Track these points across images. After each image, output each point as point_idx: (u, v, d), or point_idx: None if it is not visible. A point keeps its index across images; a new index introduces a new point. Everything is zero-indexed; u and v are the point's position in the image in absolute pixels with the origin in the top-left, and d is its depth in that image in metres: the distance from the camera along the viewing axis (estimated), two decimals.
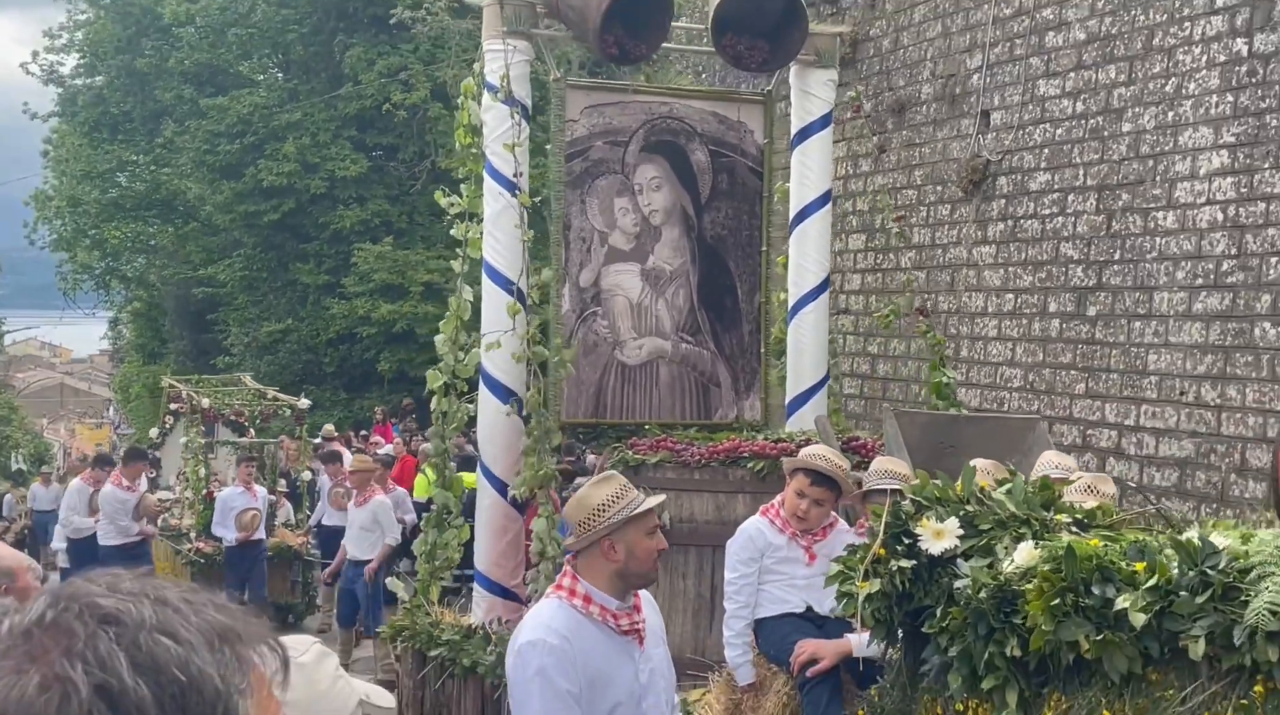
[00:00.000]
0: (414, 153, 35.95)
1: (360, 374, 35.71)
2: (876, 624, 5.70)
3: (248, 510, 18.41)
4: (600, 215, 10.47)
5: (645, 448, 9.28)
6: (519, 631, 5.42)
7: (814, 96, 10.73)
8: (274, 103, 36.17)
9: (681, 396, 10.52)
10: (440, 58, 33.85)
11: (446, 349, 10.08)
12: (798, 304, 10.74)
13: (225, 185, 35.95)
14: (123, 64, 39.65)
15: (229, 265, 37.65)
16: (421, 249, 34.79)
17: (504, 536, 9.90)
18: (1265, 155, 10.76)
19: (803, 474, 7.31)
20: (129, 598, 1.57)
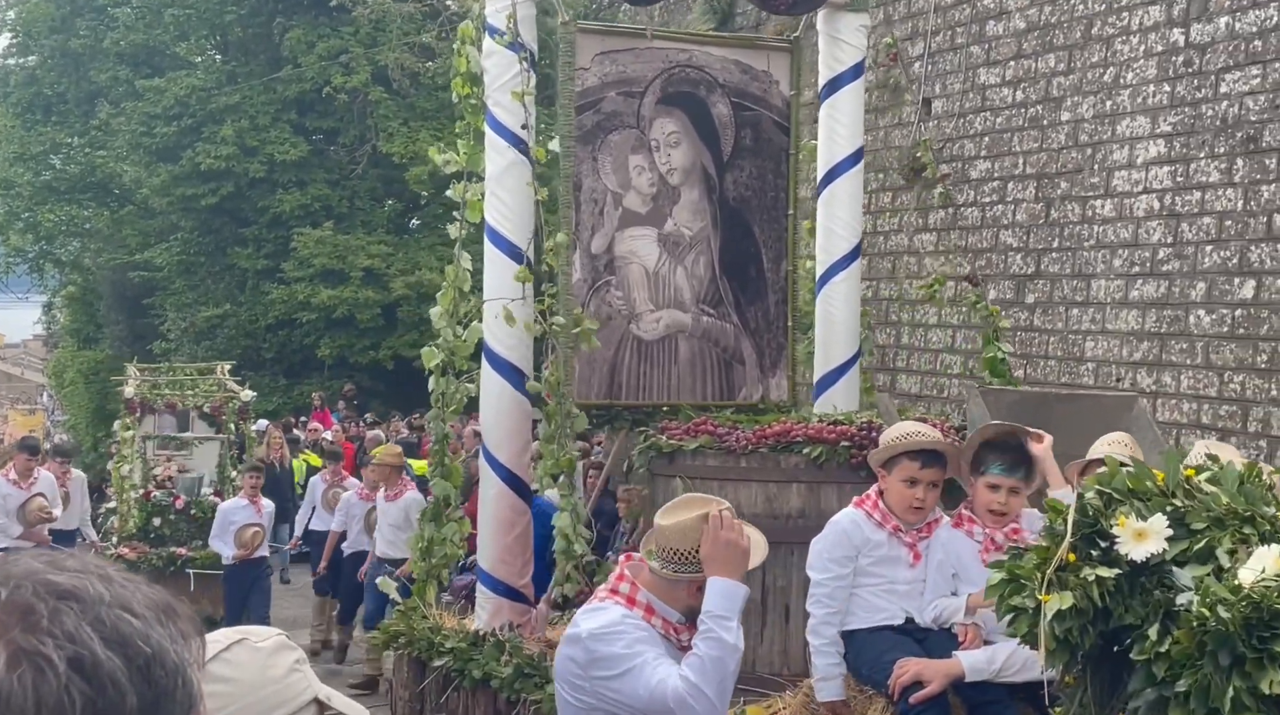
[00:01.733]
0: (355, 137, 35.08)
1: (300, 360, 34.65)
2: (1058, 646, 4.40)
3: (249, 526, 16.25)
4: (613, 174, 9.16)
5: (681, 432, 7.96)
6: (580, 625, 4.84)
7: (845, 43, 9.45)
8: (212, 85, 34.96)
9: (702, 375, 9.24)
10: (381, 41, 33.11)
11: (444, 323, 8.76)
12: (827, 273, 9.47)
13: (162, 168, 34.62)
14: (56, 44, 38.25)
15: (166, 249, 36.32)
16: (362, 234, 33.87)
17: (510, 531, 8.61)
18: (1200, 145, 10.64)
19: (907, 459, 6.08)
20: (79, 574, 1.55)
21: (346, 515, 16.54)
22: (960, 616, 6.05)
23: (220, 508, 16.99)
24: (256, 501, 16.61)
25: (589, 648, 4.71)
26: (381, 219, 34.98)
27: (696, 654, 4.60)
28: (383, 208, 35.69)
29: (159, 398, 20.76)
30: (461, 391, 8.80)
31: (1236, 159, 10.52)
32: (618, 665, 4.64)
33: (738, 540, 4.72)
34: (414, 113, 33.81)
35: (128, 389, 20.10)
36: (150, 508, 18.55)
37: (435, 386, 8.80)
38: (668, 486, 7.87)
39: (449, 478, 8.83)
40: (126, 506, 18.80)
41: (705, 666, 4.55)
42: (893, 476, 6.22)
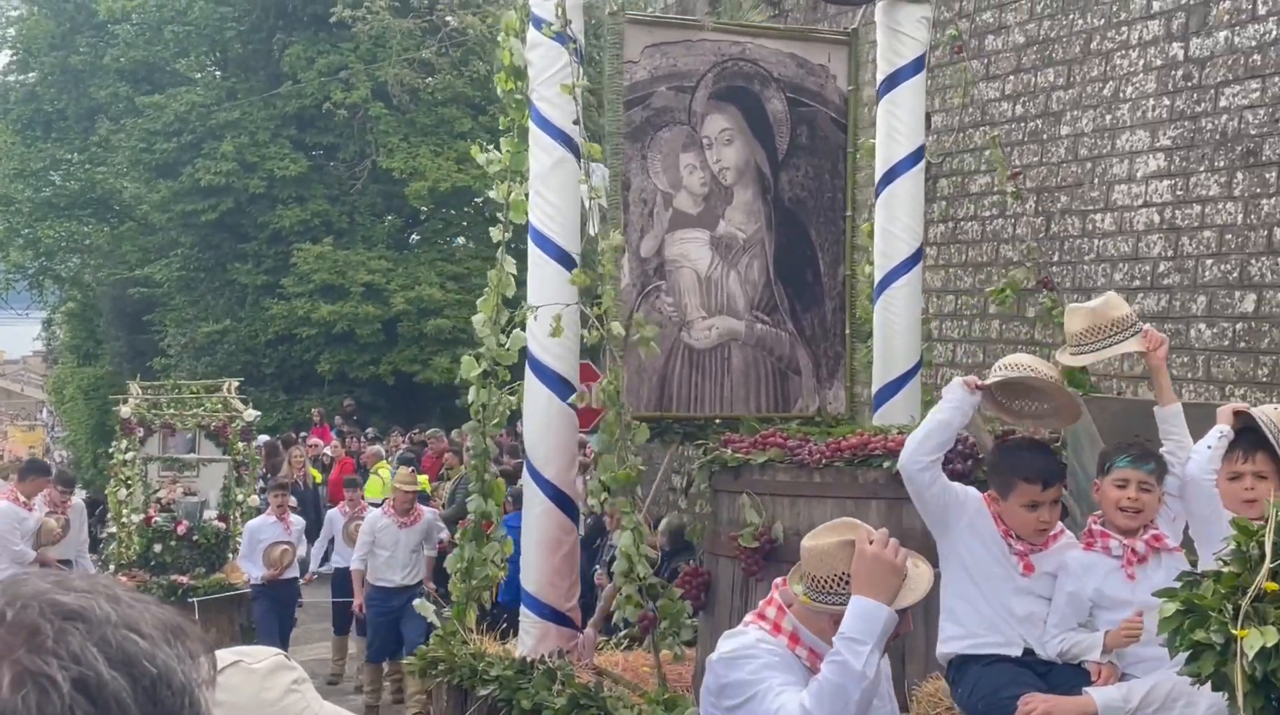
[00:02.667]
0: (354, 152, 34.48)
1: (300, 375, 34.02)
2: (1255, 688, 3.70)
3: (278, 544, 15.33)
4: (664, 173, 8.45)
5: (748, 445, 7.24)
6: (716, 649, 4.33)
7: (905, 35, 8.76)
8: (212, 101, 34.34)
9: (756, 385, 8.52)
10: (381, 56, 32.64)
11: (487, 331, 8.02)
12: (886, 278, 8.76)
13: (162, 184, 34.05)
14: (56, 61, 37.61)
15: (166, 265, 35.60)
16: (362, 249, 33.31)
17: (557, 551, 7.89)
18: (1200, 159, 10.48)
19: (1025, 482, 5.41)
20: (86, 594, 1.53)
21: None
22: (1095, 655, 5.33)
23: (248, 526, 16.06)
24: (285, 519, 15.71)
25: (717, 673, 4.22)
26: (381, 234, 34.45)
27: (818, 679, 4.02)
28: (382, 223, 35.14)
29: (157, 418, 19.48)
30: (504, 403, 8.07)
31: (1236, 172, 10.28)
32: (741, 692, 4.11)
33: (888, 558, 4.06)
34: (414, 128, 33.29)
35: (124, 409, 18.90)
36: (151, 534, 17.38)
37: (475, 398, 8.08)
38: (733, 503, 7.17)
39: (491, 495, 8.11)
40: (126, 532, 17.69)
41: (823, 693, 3.95)
42: (1011, 501, 5.54)
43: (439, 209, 34.41)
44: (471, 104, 33.85)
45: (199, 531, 17.41)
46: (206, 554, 17.21)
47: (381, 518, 14.38)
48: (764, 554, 6.95)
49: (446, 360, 31.69)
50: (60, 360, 50.45)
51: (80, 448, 41.25)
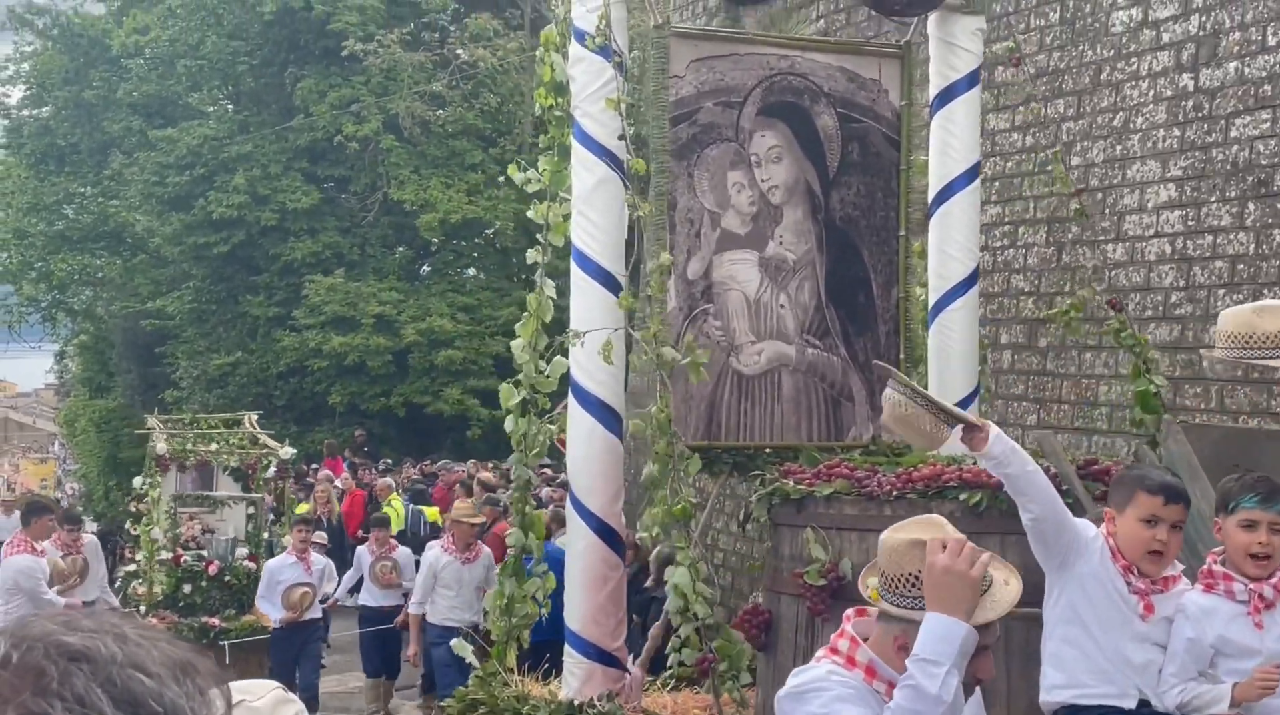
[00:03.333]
0: (366, 184, 34.16)
1: (311, 407, 33.57)
2: None
3: (298, 586, 14.32)
4: (711, 192, 7.93)
5: (811, 476, 6.70)
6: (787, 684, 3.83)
7: (959, 49, 8.25)
8: (224, 134, 33.99)
9: (807, 413, 7.99)
10: (392, 90, 32.48)
11: (526, 357, 7.50)
12: (942, 301, 8.23)
13: (174, 217, 33.73)
14: (70, 95, 37.37)
15: (178, 298, 35.22)
16: (373, 281, 32.99)
17: (603, 587, 7.35)
18: (1212, 189, 10.28)
19: (1144, 494, 4.82)
20: (92, 634, 1.51)
21: None
22: (1222, 707, 4.77)
23: (267, 566, 15.04)
24: (306, 558, 14.66)
25: (785, 710, 3.78)
26: (393, 266, 34.11)
27: (890, 706, 3.58)
28: (394, 255, 34.80)
29: (191, 455, 18.29)
30: (544, 432, 7.54)
31: (1248, 203, 10.07)
32: None
33: (960, 570, 3.56)
34: (425, 160, 33.00)
35: (159, 445, 17.49)
36: (180, 574, 16.33)
37: (515, 427, 7.54)
38: (795, 538, 6.65)
39: (531, 528, 7.56)
40: (152, 571, 16.42)
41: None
42: (1127, 514, 4.99)
43: (450, 241, 34.05)
44: (482, 136, 33.61)
45: (230, 572, 16.47)
46: (237, 595, 16.27)
47: (442, 555, 13.40)
48: (831, 592, 6.42)
49: (457, 391, 31.64)
50: (72, 393, 50.11)
51: (92, 481, 40.75)
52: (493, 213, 32.36)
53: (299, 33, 33.83)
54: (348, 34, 31.86)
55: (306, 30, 33.58)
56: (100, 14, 38.57)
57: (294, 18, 33.20)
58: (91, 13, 38.55)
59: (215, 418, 20.68)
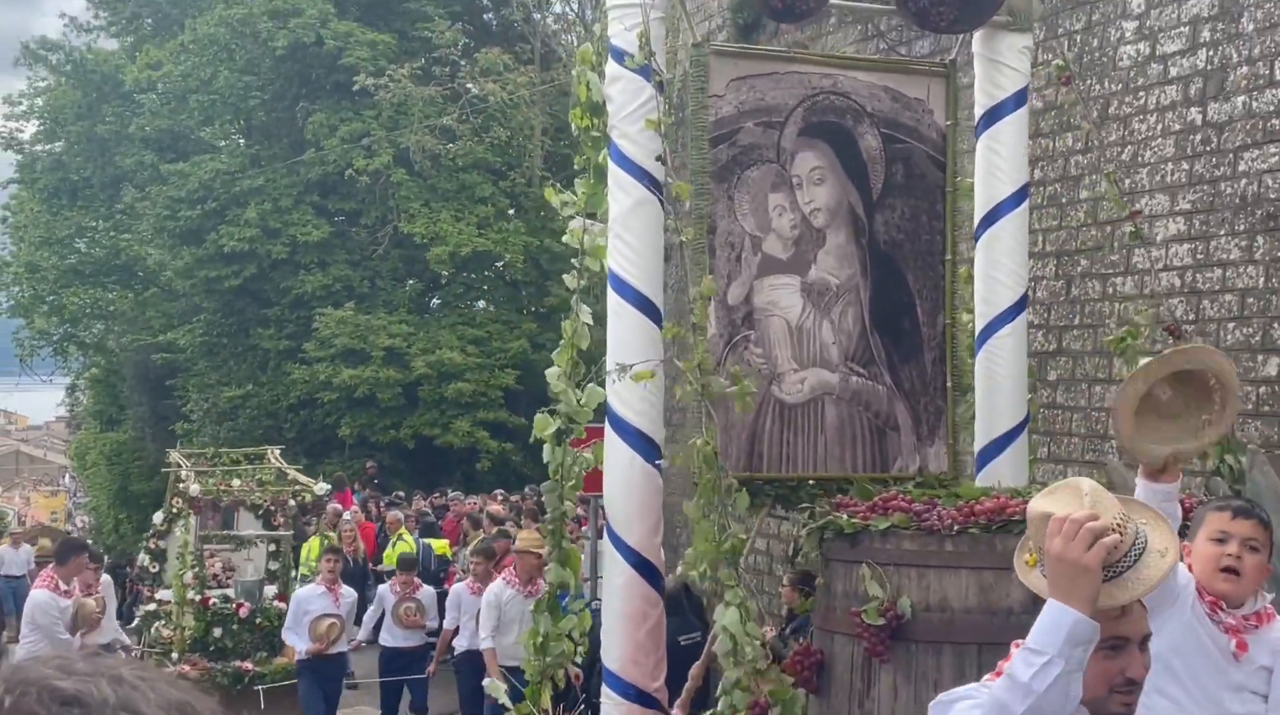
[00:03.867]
0: (376, 218, 33.78)
1: (321, 440, 33.18)
2: None
3: (325, 617, 13.76)
4: (751, 215, 7.52)
5: (865, 509, 6.26)
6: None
7: (1005, 67, 7.84)
8: (235, 168, 33.58)
9: (852, 443, 7.56)
10: (403, 123, 32.19)
11: (563, 386, 7.06)
12: (989, 327, 7.80)
13: (186, 251, 33.40)
14: (83, 130, 37.20)
15: (189, 331, 34.81)
16: (383, 314, 32.60)
17: (641, 625, 6.92)
18: (1221, 222, 10.20)
19: (1212, 512, 4.50)
20: (86, 678, 1.48)
21: (458, 610, 14.02)
22: None
23: (296, 596, 14.47)
24: (335, 589, 14.09)
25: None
26: (403, 299, 33.76)
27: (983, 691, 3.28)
28: (404, 288, 34.44)
29: (224, 495, 17.31)
30: (580, 463, 7.11)
31: (1257, 236, 9.98)
32: None
33: (1071, 557, 3.18)
34: (435, 194, 32.68)
35: (192, 486, 16.61)
36: (210, 616, 15.55)
37: (552, 458, 7.09)
38: (850, 574, 6.22)
39: (567, 563, 7.13)
40: (181, 616, 15.55)
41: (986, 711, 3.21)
42: (1198, 538, 4.61)
43: (460, 273, 33.73)
44: (492, 169, 33.33)
45: (260, 613, 15.74)
46: (269, 637, 15.58)
47: (505, 589, 12.69)
48: (890, 631, 5.97)
49: (467, 424, 31.33)
50: (83, 426, 49.81)
51: (102, 514, 40.35)
52: (503, 245, 32.06)
53: (310, 68, 33.61)
54: (359, 69, 31.62)
55: (318, 65, 33.36)
56: (113, 50, 38.56)
57: (305, 53, 32.96)
58: (104, 48, 38.47)
59: (237, 452, 19.96)
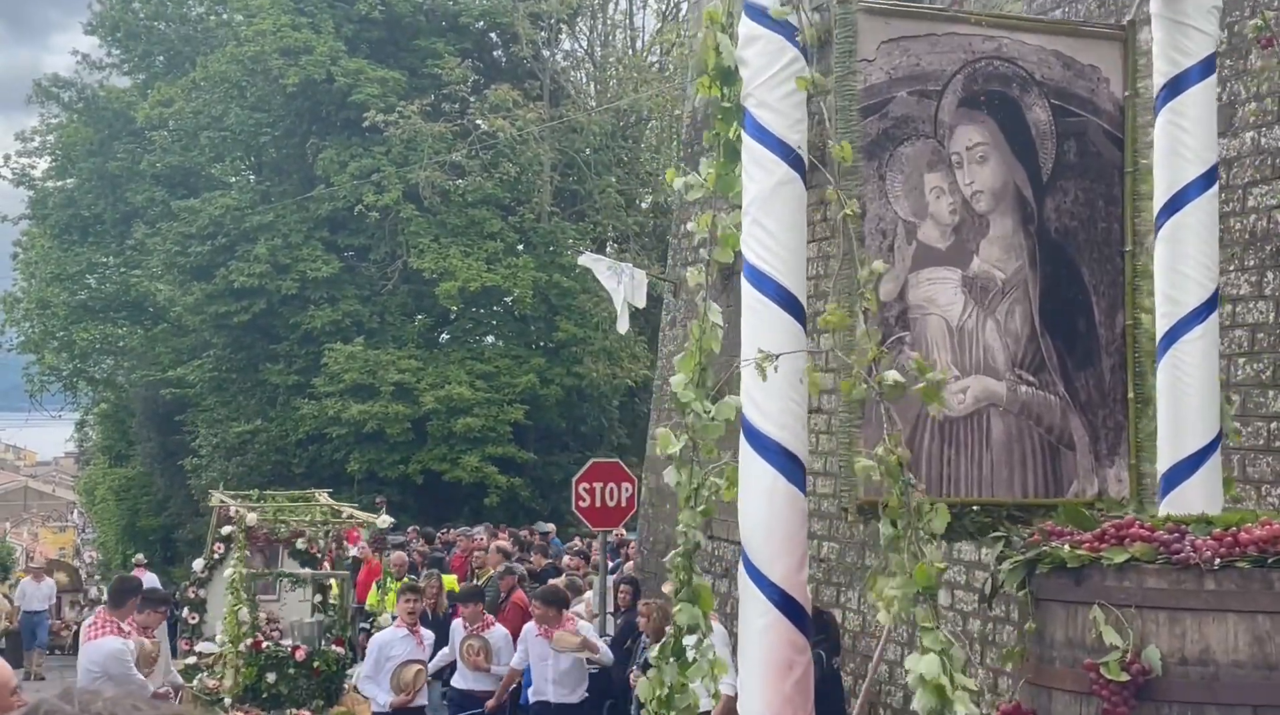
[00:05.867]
0: (386, 253, 32.82)
1: (330, 475, 31.96)
2: None
3: (410, 663, 12.04)
4: (905, 198, 6.03)
5: (1091, 540, 4.66)
6: None
7: (1191, 29, 6.28)
8: (246, 204, 32.69)
9: (1021, 463, 6.03)
10: (413, 159, 31.28)
11: (690, 395, 5.48)
12: (1174, 330, 6.21)
13: (196, 286, 32.37)
14: (94, 166, 36.19)
15: (199, 366, 33.69)
16: (393, 349, 31.55)
17: (787, 675, 5.41)
18: (1230, 258, 9.45)
19: None
20: None
21: (526, 651, 12.56)
22: None
23: (375, 640, 12.62)
24: (417, 631, 12.32)
25: None
26: (412, 334, 32.79)
27: None
28: (413, 323, 33.48)
29: (283, 527, 14.96)
30: (709, 486, 5.51)
31: (1267, 272, 9.40)
32: None
33: None
34: (444, 229, 31.76)
35: (250, 516, 14.35)
36: (263, 661, 13.34)
37: (679, 480, 5.49)
38: (1073, 617, 4.66)
39: (698, 601, 5.53)
40: (235, 658, 13.42)
41: None
42: None
43: (469, 308, 32.54)
44: (501, 205, 32.38)
45: (320, 658, 13.50)
46: (325, 684, 13.48)
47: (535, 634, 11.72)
48: (1135, 690, 4.39)
49: (475, 459, 30.52)
50: (92, 461, 48.64)
51: (110, 549, 38.79)
52: (511, 281, 30.94)
53: (320, 104, 32.69)
54: (369, 105, 30.92)
55: (328, 102, 32.49)
56: (125, 87, 37.69)
57: (316, 89, 32.08)
58: (116, 86, 37.46)
59: (282, 494, 17.74)
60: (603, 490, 16.27)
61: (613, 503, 16.34)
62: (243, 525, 13.72)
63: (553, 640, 12.00)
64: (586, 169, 32.92)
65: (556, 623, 12.53)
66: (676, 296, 18.05)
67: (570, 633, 12.06)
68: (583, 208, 33.19)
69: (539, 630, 12.27)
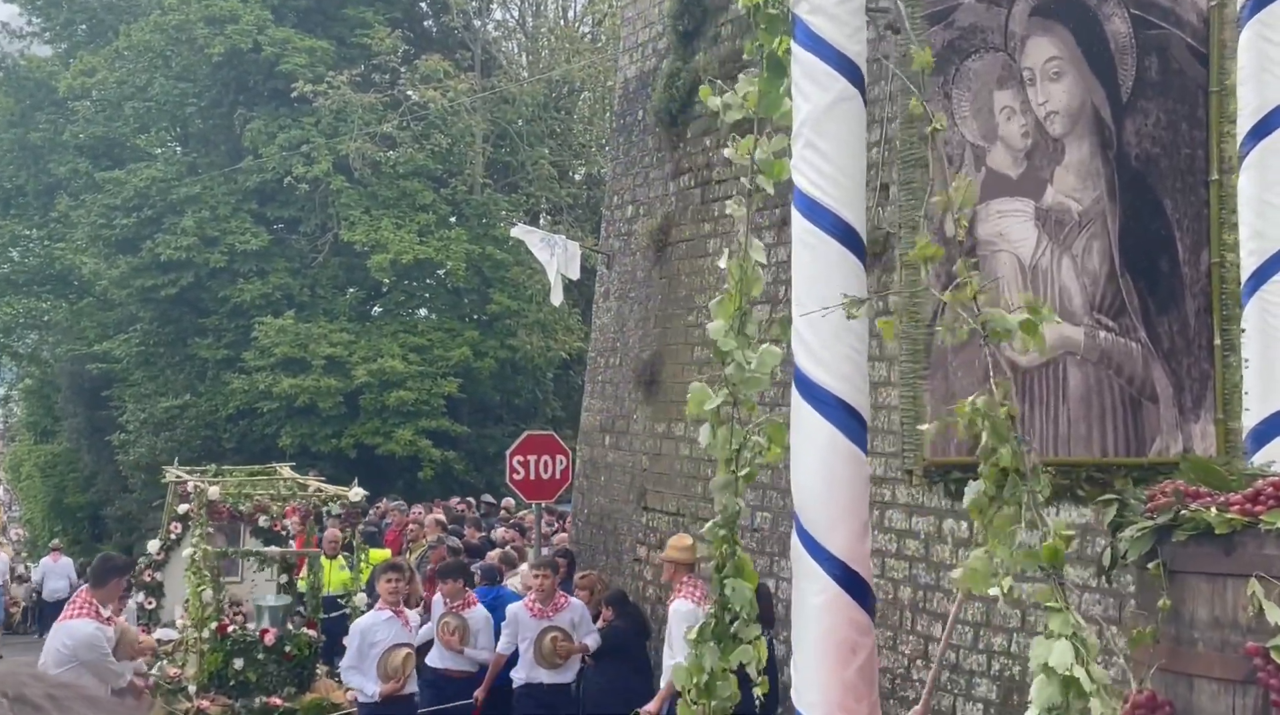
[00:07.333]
0: (316, 225, 31.63)
1: (261, 450, 30.74)
2: None
3: (398, 648, 11.09)
4: (973, 119, 5.21)
5: (1242, 501, 3.82)
6: None
7: None
8: (172, 176, 31.30)
9: (1100, 418, 5.23)
10: (342, 131, 30.08)
11: (732, 343, 4.59)
12: (1264, 269, 5.39)
13: (122, 259, 31.03)
14: (15, 138, 34.76)
15: (125, 341, 32.47)
16: (324, 322, 30.49)
17: (851, 660, 4.60)
18: None
19: None
20: None
21: (515, 633, 11.77)
22: None
23: (356, 626, 11.57)
24: (401, 613, 11.38)
25: None
26: (343, 307, 31.81)
27: None
28: (344, 296, 32.46)
29: (245, 502, 13.26)
30: (752, 447, 4.61)
31: None
32: None
33: None
34: (375, 201, 30.63)
35: (211, 491, 12.88)
36: (229, 646, 12.08)
37: (715, 441, 4.60)
38: (1222, 594, 3.76)
39: (743, 575, 4.65)
40: (199, 644, 12.18)
41: None
42: None
43: (401, 281, 31.56)
44: (433, 177, 31.44)
45: (290, 642, 12.20)
46: (296, 669, 12.21)
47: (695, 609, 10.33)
48: None
49: (409, 432, 29.62)
50: (17, 438, 47.21)
51: (37, 526, 37.36)
52: (444, 253, 30.01)
53: (248, 74, 31.36)
54: (297, 75, 29.76)
55: (255, 72, 31.20)
56: (47, 56, 36.24)
57: (243, 59, 30.83)
58: (38, 55, 36.09)
59: (241, 470, 16.41)
60: (537, 463, 15.90)
61: (547, 475, 15.99)
62: (203, 500, 12.48)
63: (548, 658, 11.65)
64: (519, 140, 31.96)
65: (461, 596, 12.03)
66: (610, 268, 17.35)
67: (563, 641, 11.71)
68: (515, 179, 32.24)
69: (533, 607, 11.78)
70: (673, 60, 15.70)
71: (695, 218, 14.91)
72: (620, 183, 17.45)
